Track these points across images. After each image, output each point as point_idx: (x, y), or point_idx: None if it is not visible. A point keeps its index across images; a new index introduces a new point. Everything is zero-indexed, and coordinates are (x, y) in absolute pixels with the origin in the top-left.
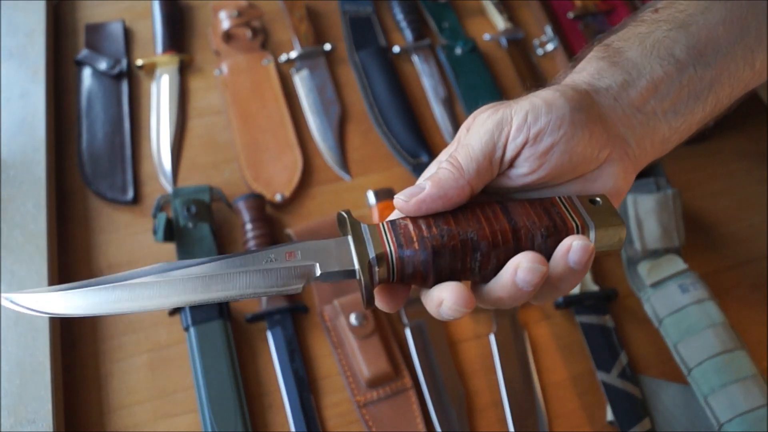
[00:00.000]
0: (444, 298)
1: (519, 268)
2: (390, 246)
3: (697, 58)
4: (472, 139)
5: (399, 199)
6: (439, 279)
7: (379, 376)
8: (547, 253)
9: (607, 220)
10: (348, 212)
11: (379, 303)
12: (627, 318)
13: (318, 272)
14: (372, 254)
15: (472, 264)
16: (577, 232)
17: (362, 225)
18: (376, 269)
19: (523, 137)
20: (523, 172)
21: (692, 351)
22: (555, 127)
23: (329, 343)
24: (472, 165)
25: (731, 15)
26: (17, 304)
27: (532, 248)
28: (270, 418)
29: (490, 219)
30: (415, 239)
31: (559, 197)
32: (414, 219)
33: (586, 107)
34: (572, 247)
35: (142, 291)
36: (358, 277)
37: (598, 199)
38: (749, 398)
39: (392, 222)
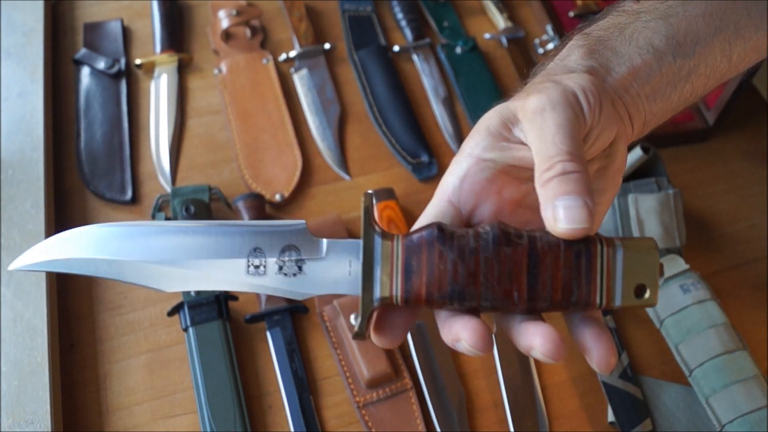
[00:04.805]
0: (462, 338)
1: (531, 349)
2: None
3: (676, 48)
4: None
5: None
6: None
7: (378, 376)
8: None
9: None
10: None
11: (376, 338)
12: (628, 318)
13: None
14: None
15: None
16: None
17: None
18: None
19: (591, 118)
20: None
21: (693, 351)
22: (599, 104)
23: (329, 344)
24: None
25: (711, 7)
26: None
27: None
28: (269, 419)
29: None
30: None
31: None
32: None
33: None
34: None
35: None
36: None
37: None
38: (751, 399)
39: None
